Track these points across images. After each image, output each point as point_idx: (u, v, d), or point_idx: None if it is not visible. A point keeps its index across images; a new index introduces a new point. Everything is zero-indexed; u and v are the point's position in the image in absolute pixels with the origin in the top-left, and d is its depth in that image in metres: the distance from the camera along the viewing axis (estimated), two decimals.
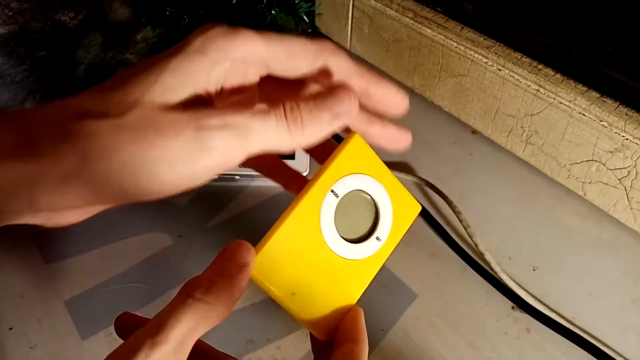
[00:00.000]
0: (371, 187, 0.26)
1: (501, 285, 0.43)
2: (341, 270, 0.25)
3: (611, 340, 0.40)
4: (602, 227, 0.48)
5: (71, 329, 0.41)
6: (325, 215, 0.24)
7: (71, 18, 0.57)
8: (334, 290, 0.25)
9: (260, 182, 0.52)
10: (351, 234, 0.26)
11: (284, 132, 0.22)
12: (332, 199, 0.25)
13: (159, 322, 0.19)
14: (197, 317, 0.20)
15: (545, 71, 0.47)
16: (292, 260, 0.24)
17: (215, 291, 0.20)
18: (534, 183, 0.51)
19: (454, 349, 0.40)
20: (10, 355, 0.40)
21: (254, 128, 0.21)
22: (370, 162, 0.26)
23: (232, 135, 0.21)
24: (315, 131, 0.22)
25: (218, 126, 0.20)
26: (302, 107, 0.22)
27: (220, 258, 0.22)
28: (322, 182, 0.24)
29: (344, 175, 0.25)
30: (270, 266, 0.23)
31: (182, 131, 0.20)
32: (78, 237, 0.47)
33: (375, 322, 0.42)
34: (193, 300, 0.20)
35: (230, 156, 0.21)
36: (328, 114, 0.22)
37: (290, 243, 0.23)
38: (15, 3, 0.52)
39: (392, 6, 0.56)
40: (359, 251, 0.26)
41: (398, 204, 0.27)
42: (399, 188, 0.28)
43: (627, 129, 0.42)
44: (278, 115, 0.22)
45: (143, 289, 0.44)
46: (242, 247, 0.22)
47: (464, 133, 0.56)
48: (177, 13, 0.57)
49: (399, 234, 0.28)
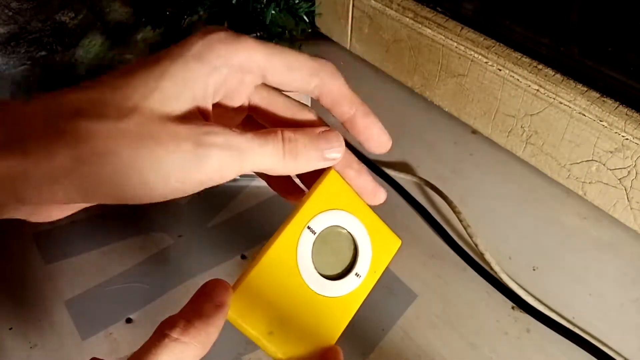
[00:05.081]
0: (349, 223, 0.26)
1: (501, 285, 0.43)
2: (320, 308, 0.25)
3: (611, 340, 0.40)
4: (602, 227, 0.48)
5: (71, 329, 0.41)
6: (302, 252, 0.24)
7: (71, 18, 0.57)
8: (312, 330, 0.25)
9: (260, 182, 0.51)
10: (329, 270, 0.25)
11: (279, 159, 0.23)
12: (309, 235, 0.24)
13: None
14: (173, 358, 0.20)
15: (545, 71, 0.47)
16: (269, 298, 0.23)
17: (191, 331, 0.20)
18: (534, 183, 0.51)
19: (454, 349, 0.40)
20: (10, 355, 0.40)
21: (252, 151, 0.22)
22: (347, 197, 0.26)
23: (230, 155, 0.21)
24: (307, 164, 0.24)
25: (217, 145, 0.21)
26: (299, 140, 0.23)
27: (197, 296, 0.22)
28: (298, 219, 0.24)
29: (321, 212, 0.25)
30: (247, 305, 0.23)
31: (181, 145, 0.20)
32: (78, 237, 0.47)
33: (375, 322, 0.42)
34: (169, 341, 0.20)
35: (224, 174, 0.21)
36: (318, 153, 0.24)
37: (267, 281, 0.23)
38: (15, 3, 0.52)
39: (392, 6, 0.56)
40: (337, 288, 0.25)
41: (377, 239, 0.27)
42: (377, 223, 0.27)
43: (627, 129, 0.42)
44: (276, 143, 0.23)
45: (143, 289, 0.44)
46: (219, 286, 0.22)
47: (464, 133, 0.56)
48: (177, 13, 0.57)
49: (379, 269, 0.27)
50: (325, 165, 0.25)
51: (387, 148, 0.26)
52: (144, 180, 0.20)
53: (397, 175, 0.52)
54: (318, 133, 0.24)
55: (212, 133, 0.21)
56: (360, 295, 0.26)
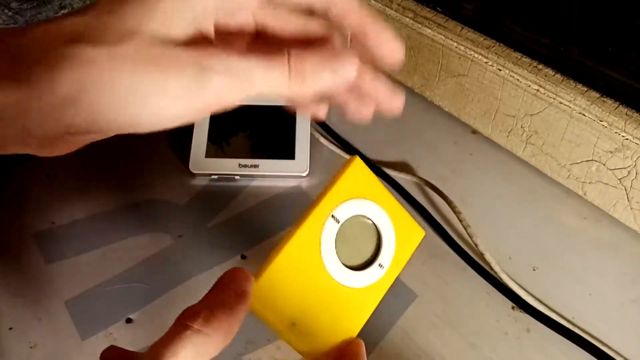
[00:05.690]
0: (373, 212, 0.25)
1: (501, 285, 0.43)
2: (342, 299, 0.24)
3: (611, 340, 0.40)
4: (602, 227, 0.48)
5: (71, 329, 0.41)
6: (325, 242, 0.24)
7: None
8: (335, 321, 0.24)
9: (260, 182, 0.52)
10: (353, 260, 0.25)
11: (285, 81, 0.21)
12: (333, 224, 0.24)
13: (155, 355, 0.18)
14: (195, 350, 0.19)
15: (545, 71, 0.47)
16: (291, 288, 0.23)
17: (214, 322, 0.20)
18: (534, 183, 0.51)
19: (454, 349, 0.40)
20: (10, 356, 0.40)
21: (256, 74, 0.21)
22: (371, 186, 0.25)
23: (234, 79, 0.20)
24: (314, 86, 0.22)
25: (220, 70, 0.20)
26: (307, 60, 0.22)
27: (218, 286, 0.21)
28: (322, 207, 0.23)
29: (345, 200, 0.24)
30: (269, 295, 0.22)
31: (184, 69, 0.20)
32: (78, 237, 0.47)
33: (375, 322, 0.41)
34: (192, 332, 0.19)
35: (228, 98, 0.21)
36: (330, 73, 0.22)
37: (290, 271, 0.23)
38: (15, 3, 0.52)
39: (392, 6, 0.56)
40: (360, 279, 0.25)
41: (401, 229, 0.26)
42: (401, 212, 0.26)
43: (627, 129, 0.42)
44: (282, 65, 0.21)
45: (143, 289, 0.44)
46: (240, 275, 0.21)
47: (464, 133, 0.56)
48: None
49: (402, 260, 0.26)
50: (337, 86, 0.23)
51: (400, 55, 0.25)
52: (148, 106, 0.19)
53: (397, 175, 0.52)
54: (330, 52, 0.22)
55: (215, 57, 0.20)
56: (383, 287, 0.26)
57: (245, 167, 0.51)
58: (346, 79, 0.22)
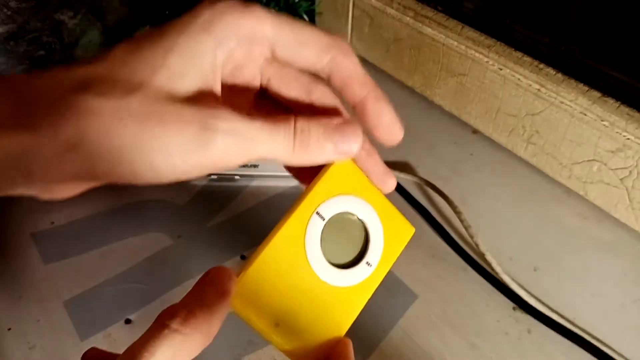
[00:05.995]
0: (360, 209, 0.25)
1: (502, 285, 0.43)
2: (329, 298, 0.24)
3: (612, 341, 0.40)
4: (603, 227, 0.48)
5: (70, 329, 0.41)
6: (310, 239, 0.23)
7: (70, 17, 0.57)
8: (321, 321, 0.23)
9: (260, 182, 0.51)
10: (339, 259, 0.24)
11: (288, 150, 0.22)
12: (318, 221, 0.23)
13: (133, 355, 0.18)
14: (173, 350, 0.18)
15: (547, 70, 0.46)
16: (275, 287, 0.22)
17: (193, 322, 0.19)
18: (535, 183, 0.51)
19: (454, 349, 0.40)
20: (9, 356, 0.39)
21: (260, 139, 0.21)
22: (358, 182, 0.25)
23: (236, 142, 0.20)
24: (317, 157, 0.22)
25: (224, 130, 0.20)
26: (312, 131, 0.22)
27: (199, 284, 0.21)
28: (306, 204, 0.23)
29: (331, 197, 0.24)
30: (252, 294, 0.21)
31: (186, 127, 0.20)
32: (78, 237, 0.47)
33: (375, 322, 0.41)
34: (169, 332, 0.19)
35: (230, 160, 0.21)
36: (333, 146, 0.22)
37: (273, 269, 0.22)
38: (14, 2, 0.52)
39: (393, 5, 0.56)
40: (347, 277, 0.24)
41: (389, 226, 0.25)
42: (390, 209, 0.26)
43: (629, 128, 0.42)
44: (287, 132, 0.21)
45: (143, 289, 0.43)
46: (222, 274, 0.21)
47: (464, 133, 0.56)
48: (176, 13, 0.57)
49: (391, 258, 0.26)
50: (339, 159, 0.23)
51: (397, 139, 0.24)
52: (148, 161, 0.19)
53: (398, 175, 0.52)
54: (335, 124, 0.22)
55: (219, 117, 0.20)
56: (371, 286, 0.25)
57: (245, 167, 0.51)
58: (348, 154, 0.23)
